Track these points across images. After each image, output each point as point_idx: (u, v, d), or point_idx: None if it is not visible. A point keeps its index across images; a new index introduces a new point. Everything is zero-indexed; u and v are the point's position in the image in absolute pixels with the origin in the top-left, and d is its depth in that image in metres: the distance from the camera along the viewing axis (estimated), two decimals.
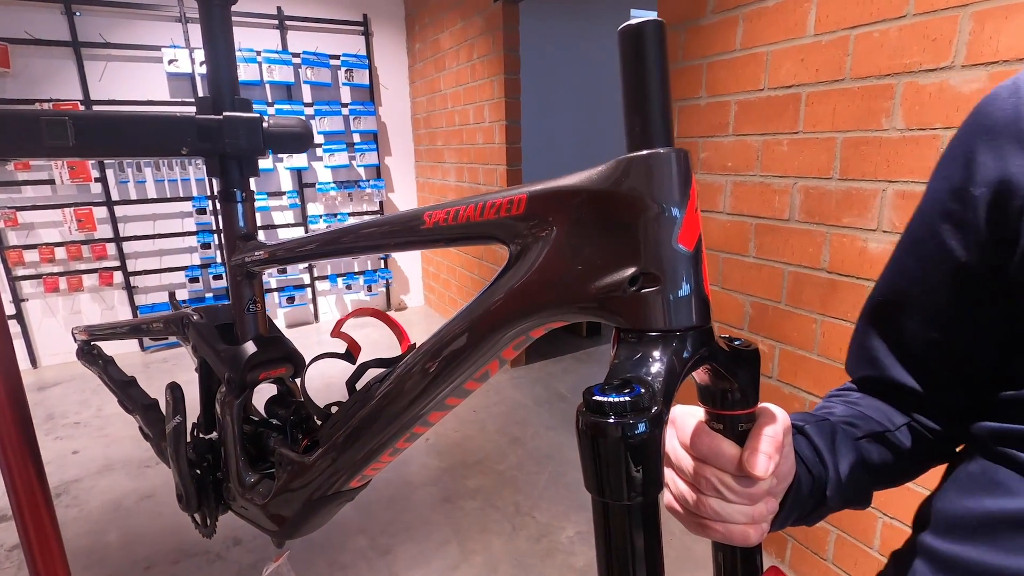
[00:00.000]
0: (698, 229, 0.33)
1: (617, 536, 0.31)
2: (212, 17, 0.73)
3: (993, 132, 0.38)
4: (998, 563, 0.39)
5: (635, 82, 0.31)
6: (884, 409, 0.49)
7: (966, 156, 0.40)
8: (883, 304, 0.49)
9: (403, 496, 2.21)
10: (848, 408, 0.50)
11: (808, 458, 0.44)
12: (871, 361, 0.49)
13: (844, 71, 1.39)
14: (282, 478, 0.68)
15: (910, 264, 0.46)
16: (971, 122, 0.40)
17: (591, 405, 0.29)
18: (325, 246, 0.63)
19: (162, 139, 0.70)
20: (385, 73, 4.28)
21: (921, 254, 0.44)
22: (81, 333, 1.18)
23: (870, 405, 0.50)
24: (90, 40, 3.35)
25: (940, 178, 0.43)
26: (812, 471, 0.44)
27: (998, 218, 0.38)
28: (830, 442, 0.45)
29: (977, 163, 0.39)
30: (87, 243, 3.56)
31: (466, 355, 0.44)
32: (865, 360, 0.50)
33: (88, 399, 3.13)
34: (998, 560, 0.39)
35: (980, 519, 0.41)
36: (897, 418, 0.49)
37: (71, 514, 2.13)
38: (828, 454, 0.44)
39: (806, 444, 0.45)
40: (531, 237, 0.39)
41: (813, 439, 0.45)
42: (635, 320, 0.32)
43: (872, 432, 0.47)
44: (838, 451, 0.45)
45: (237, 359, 0.74)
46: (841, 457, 0.45)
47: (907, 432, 0.48)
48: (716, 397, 0.38)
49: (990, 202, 0.38)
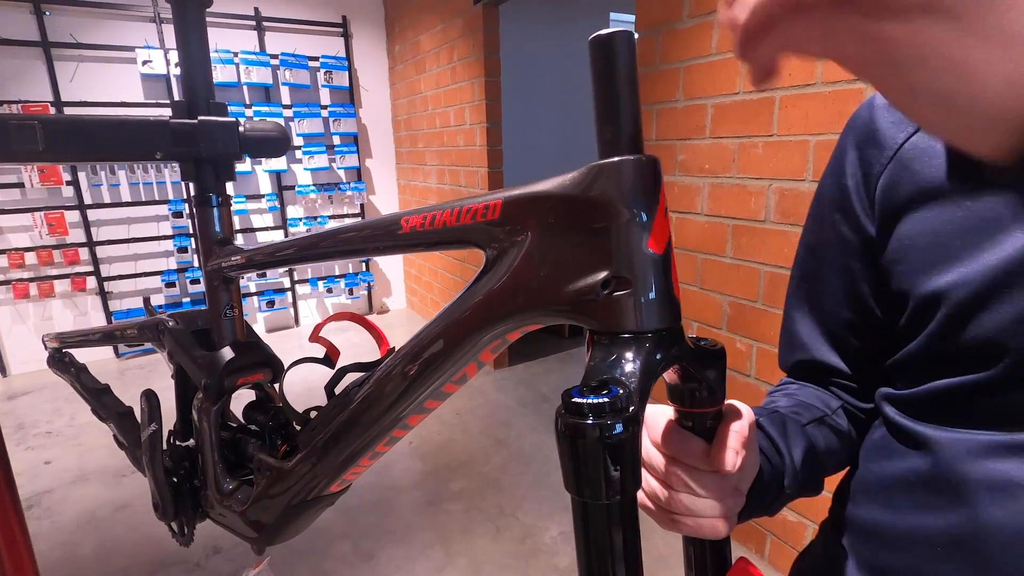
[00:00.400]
0: (668, 233, 0.33)
1: (597, 535, 0.31)
2: (186, 19, 0.72)
3: (856, 132, 0.47)
4: (891, 521, 0.43)
5: (606, 91, 0.32)
6: (820, 395, 0.53)
7: (841, 156, 0.48)
8: (800, 287, 0.54)
9: (386, 500, 2.19)
10: (789, 399, 0.52)
11: (766, 449, 0.46)
12: (800, 345, 0.54)
13: (816, 76, 1.42)
14: (261, 484, 0.67)
15: (815, 247, 0.52)
16: (846, 127, 0.49)
17: (570, 407, 0.30)
18: (303, 251, 0.62)
19: (135, 143, 0.69)
20: (365, 75, 4.26)
21: (822, 238, 0.51)
22: (52, 340, 1.15)
23: (807, 393, 0.53)
24: (60, 40, 3.28)
25: (827, 173, 0.50)
26: (771, 461, 0.45)
27: (861, 198, 0.45)
28: (782, 432, 0.47)
29: (847, 156, 0.47)
30: (58, 248, 3.48)
31: (444, 358, 0.45)
32: (795, 345, 0.55)
33: (61, 408, 3.06)
34: (891, 519, 0.43)
35: (880, 482, 0.46)
36: (832, 402, 0.52)
37: (44, 526, 2.07)
38: (782, 444, 0.47)
39: (763, 436, 0.46)
40: (507, 242, 0.39)
41: (768, 430, 0.47)
42: (608, 322, 0.33)
43: (815, 418, 0.50)
44: (791, 440, 0.47)
45: (214, 365, 0.73)
46: (794, 446, 0.47)
47: (843, 414, 0.52)
48: (685, 395, 0.39)
49: (857, 191, 0.46)
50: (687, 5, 1.73)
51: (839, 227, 0.48)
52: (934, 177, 0.40)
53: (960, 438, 0.39)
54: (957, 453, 0.39)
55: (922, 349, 0.42)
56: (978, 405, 0.39)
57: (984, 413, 0.39)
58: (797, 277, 0.55)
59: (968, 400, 0.39)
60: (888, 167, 0.43)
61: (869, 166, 0.45)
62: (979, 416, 0.39)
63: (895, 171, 0.43)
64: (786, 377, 0.58)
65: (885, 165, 0.43)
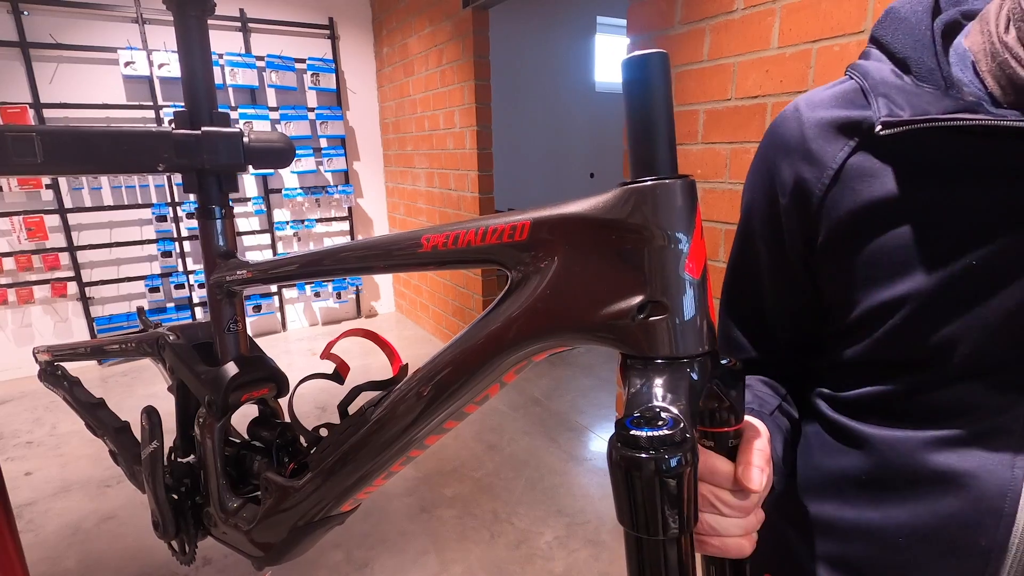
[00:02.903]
0: (704, 256, 0.33)
1: (651, 572, 0.31)
2: (188, 27, 0.70)
3: (787, 149, 0.47)
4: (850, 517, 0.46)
5: (640, 111, 0.32)
6: (769, 382, 0.55)
7: (770, 169, 0.48)
8: (730, 296, 0.57)
9: (379, 508, 2.17)
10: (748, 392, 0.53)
11: None
12: (737, 347, 0.57)
13: (808, 82, 1.44)
14: (268, 503, 0.66)
15: (743, 260, 0.55)
16: (769, 141, 0.49)
17: (626, 439, 0.29)
18: (310, 266, 0.61)
19: (137, 155, 0.67)
20: (352, 77, 4.22)
21: (749, 250, 0.53)
22: (43, 354, 1.12)
23: (757, 384, 0.55)
24: (39, 41, 3.20)
25: (754, 187, 0.51)
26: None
27: (800, 217, 0.46)
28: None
29: (779, 174, 0.47)
30: (38, 253, 3.39)
31: (467, 379, 0.44)
32: (730, 345, 0.58)
33: (41, 417, 2.98)
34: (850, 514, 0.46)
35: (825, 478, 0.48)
36: (780, 388, 0.54)
37: (26, 540, 2.01)
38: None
39: None
40: (534, 264, 0.39)
41: None
42: (644, 348, 0.33)
43: (774, 407, 0.52)
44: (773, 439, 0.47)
45: (218, 381, 0.72)
46: (775, 443, 0.47)
47: (791, 400, 0.54)
48: (706, 415, 0.39)
49: (793, 208, 0.46)
50: (679, 11, 1.74)
51: (768, 237, 0.50)
52: (880, 196, 0.41)
53: (902, 436, 0.43)
54: (904, 450, 0.42)
55: (864, 354, 0.44)
56: (916, 405, 0.42)
57: (921, 412, 0.42)
58: (729, 283, 0.57)
59: (906, 400, 0.42)
60: (831, 186, 0.44)
61: (807, 184, 0.45)
62: (917, 415, 0.42)
63: (839, 190, 0.43)
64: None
65: (828, 184, 0.44)
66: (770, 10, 1.49)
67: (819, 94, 0.47)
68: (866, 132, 0.42)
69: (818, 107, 0.46)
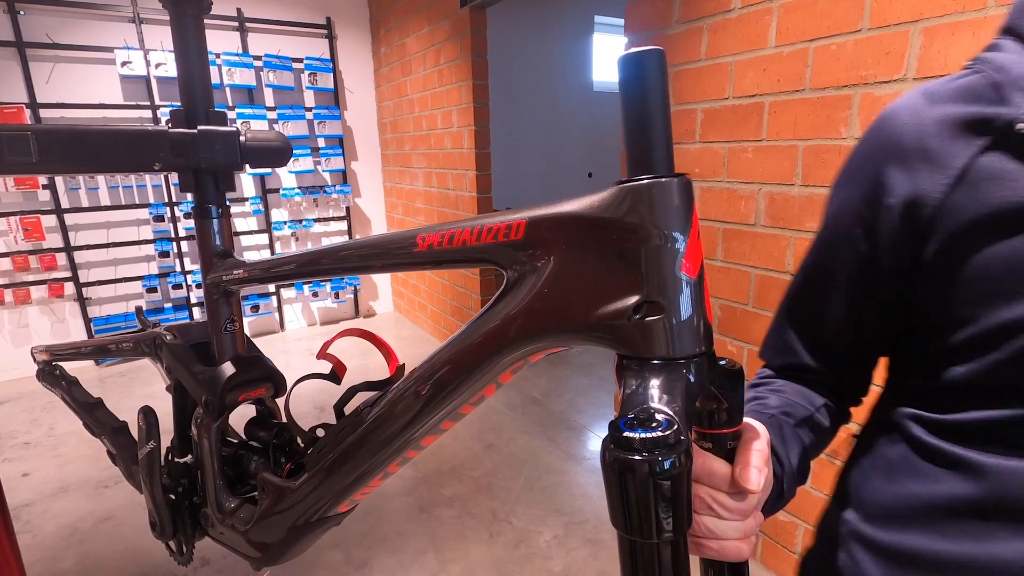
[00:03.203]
0: (701, 256, 0.33)
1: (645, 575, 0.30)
2: (184, 26, 0.70)
3: (898, 147, 0.43)
4: (945, 550, 0.41)
5: (637, 109, 0.32)
6: (804, 392, 0.53)
7: (873, 169, 0.44)
8: (795, 301, 0.55)
9: (377, 507, 2.17)
10: (779, 398, 0.53)
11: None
12: (790, 351, 0.54)
13: (804, 81, 1.44)
14: (265, 503, 0.66)
15: (824, 264, 0.51)
16: (874, 139, 0.45)
17: (619, 441, 0.28)
18: (308, 266, 0.61)
19: (133, 154, 0.67)
20: (350, 77, 4.22)
21: (834, 256, 0.49)
22: (41, 353, 1.12)
23: (793, 390, 0.53)
24: (36, 40, 3.19)
25: (850, 187, 0.47)
26: (775, 472, 0.45)
27: (907, 223, 0.42)
28: (780, 438, 0.48)
29: (885, 175, 0.43)
30: (35, 253, 3.38)
31: (463, 380, 0.44)
32: (784, 350, 0.55)
33: (39, 417, 2.97)
34: (945, 547, 0.41)
35: (913, 506, 0.44)
36: (816, 399, 0.53)
37: (23, 541, 2.01)
38: (782, 449, 0.47)
39: None
40: (530, 263, 0.39)
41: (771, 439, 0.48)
42: (640, 348, 0.33)
43: (803, 417, 0.51)
44: (788, 445, 0.48)
45: (215, 381, 0.71)
46: (791, 450, 0.47)
47: (825, 411, 0.53)
48: (704, 416, 0.39)
49: (902, 213, 0.42)
50: (677, 10, 1.74)
51: (858, 245, 0.46)
52: (1015, 201, 0.37)
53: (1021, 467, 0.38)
54: (1019, 482, 0.38)
55: (979, 376, 0.40)
56: None
57: None
58: (796, 288, 0.54)
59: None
60: (953, 189, 0.40)
61: (922, 186, 0.41)
62: None
63: (962, 193, 0.39)
64: (766, 368, 0.59)
65: (949, 187, 0.40)
66: (767, 9, 1.49)
67: (939, 88, 0.43)
68: (1000, 130, 0.39)
69: (939, 102, 0.42)
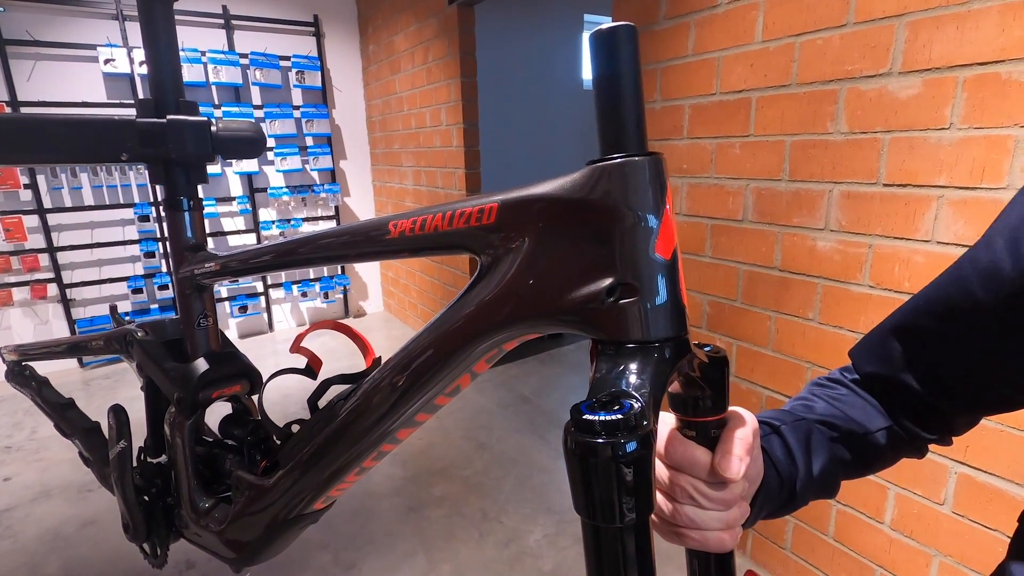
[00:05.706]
0: (674, 237, 0.32)
1: (610, 560, 0.30)
2: (153, 13, 0.68)
3: None
4: None
5: (608, 87, 0.31)
6: (867, 410, 0.49)
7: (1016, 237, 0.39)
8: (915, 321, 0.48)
9: (367, 508, 2.15)
10: (829, 406, 0.50)
11: (779, 459, 0.45)
12: (887, 360, 0.49)
13: (791, 77, 1.44)
14: (240, 502, 0.64)
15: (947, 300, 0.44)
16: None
17: (580, 424, 0.28)
18: (281, 257, 0.60)
19: (98, 144, 0.65)
20: (338, 75, 4.19)
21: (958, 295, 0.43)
22: (11, 353, 1.09)
23: (853, 403, 0.49)
24: (16, 38, 3.14)
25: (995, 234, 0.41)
26: (781, 472, 0.44)
27: None
28: (804, 443, 0.46)
29: None
30: (16, 254, 3.33)
31: (436, 370, 0.43)
32: (882, 359, 0.49)
33: (21, 421, 2.92)
34: None
35: None
36: (879, 420, 0.48)
37: (4, 546, 1.98)
38: (801, 455, 0.45)
39: (779, 444, 0.45)
40: (503, 247, 0.37)
41: (787, 439, 0.46)
42: (613, 331, 0.32)
43: (850, 433, 0.48)
44: (812, 451, 0.46)
45: (187, 378, 0.70)
46: (815, 457, 0.45)
47: (885, 434, 0.48)
48: (688, 404, 0.38)
49: None
50: (664, 6, 1.74)
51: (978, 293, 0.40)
52: None
53: None
54: None
55: None
56: None
57: None
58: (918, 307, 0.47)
59: None
60: None
61: None
62: None
63: None
64: (843, 370, 0.53)
65: None
66: (754, 4, 1.49)
67: None
68: None
69: None
